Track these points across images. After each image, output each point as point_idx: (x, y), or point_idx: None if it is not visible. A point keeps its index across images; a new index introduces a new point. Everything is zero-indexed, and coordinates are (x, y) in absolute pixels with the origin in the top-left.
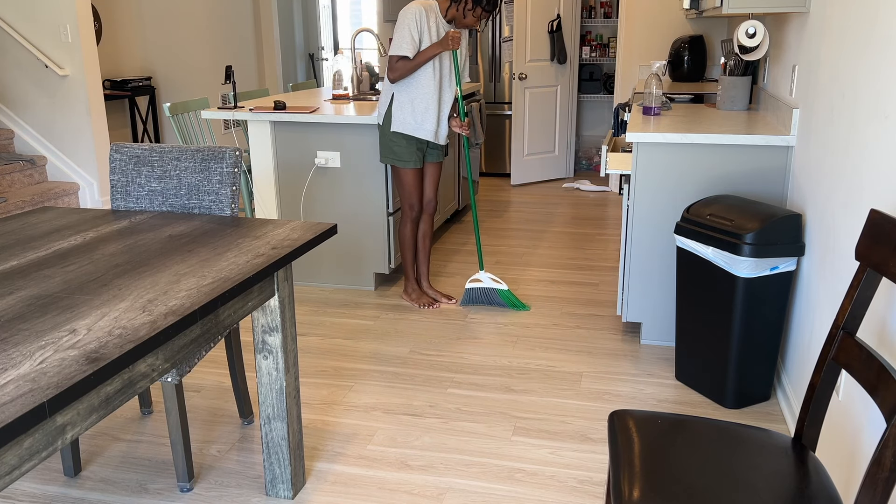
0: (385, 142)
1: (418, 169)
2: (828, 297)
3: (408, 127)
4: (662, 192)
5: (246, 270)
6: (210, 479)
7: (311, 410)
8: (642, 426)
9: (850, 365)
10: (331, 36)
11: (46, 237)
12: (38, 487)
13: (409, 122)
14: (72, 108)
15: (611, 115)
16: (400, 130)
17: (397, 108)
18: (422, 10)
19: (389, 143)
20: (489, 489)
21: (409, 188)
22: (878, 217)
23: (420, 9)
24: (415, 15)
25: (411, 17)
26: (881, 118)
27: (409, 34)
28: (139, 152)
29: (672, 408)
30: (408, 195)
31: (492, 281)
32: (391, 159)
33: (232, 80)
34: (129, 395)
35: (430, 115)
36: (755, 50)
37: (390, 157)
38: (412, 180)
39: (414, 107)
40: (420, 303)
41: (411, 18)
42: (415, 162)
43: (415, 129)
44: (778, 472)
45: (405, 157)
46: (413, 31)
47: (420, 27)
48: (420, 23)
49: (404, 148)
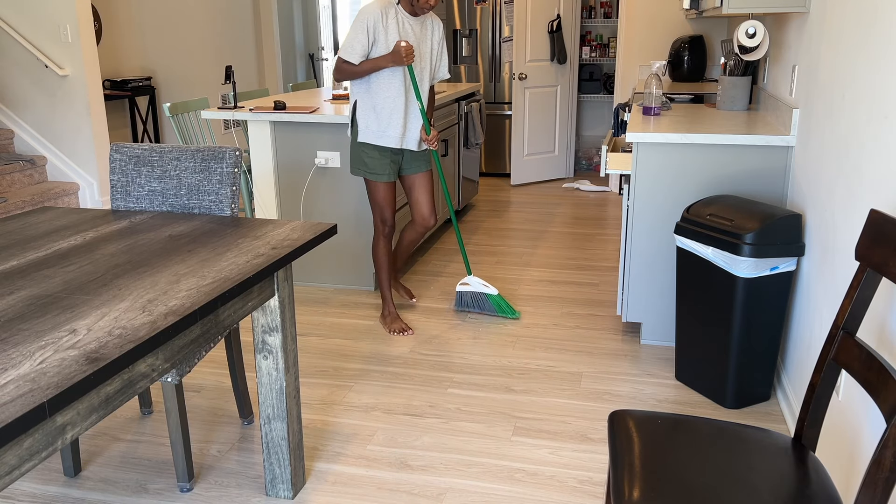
0: (355, 152)
1: (391, 182)
2: (828, 297)
3: (371, 135)
4: (662, 193)
5: (246, 270)
6: (210, 479)
7: (311, 410)
8: (642, 426)
9: (850, 365)
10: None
11: (46, 237)
12: (38, 487)
13: (373, 129)
14: (72, 108)
15: (611, 115)
16: (365, 140)
17: (360, 115)
18: (377, 13)
19: (359, 154)
20: (489, 489)
21: (380, 202)
22: (878, 217)
23: (376, 11)
24: (369, 17)
25: (364, 19)
26: (881, 118)
27: (358, 38)
28: (139, 152)
29: (672, 408)
30: (379, 210)
31: (482, 285)
32: (362, 171)
33: (232, 80)
34: (129, 395)
35: (395, 119)
36: (755, 50)
37: (361, 168)
38: (384, 194)
39: (377, 112)
40: (391, 328)
41: (364, 21)
42: (388, 175)
43: (378, 136)
44: (778, 472)
45: (376, 169)
46: (362, 35)
47: (374, 30)
48: (374, 26)
49: (375, 159)
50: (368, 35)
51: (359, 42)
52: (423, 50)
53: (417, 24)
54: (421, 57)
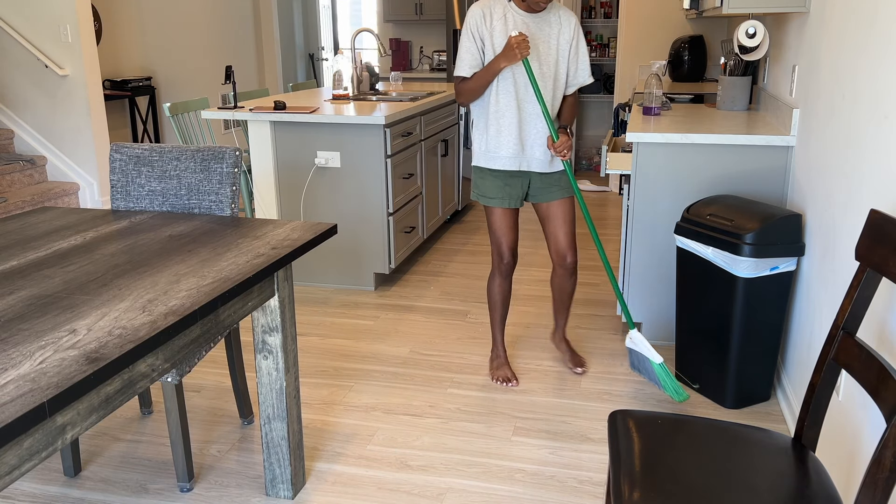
0: (475, 173)
1: (509, 209)
2: (828, 297)
3: (482, 157)
4: (662, 192)
5: (246, 270)
6: (210, 479)
7: (311, 410)
8: (642, 426)
9: (850, 365)
10: (331, 36)
11: (46, 237)
12: (38, 487)
13: (483, 149)
14: (72, 108)
15: (611, 115)
16: (476, 163)
17: (474, 133)
18: (478, 14)
19: (475, 175)
20: (489, 489)
21: (495, 231)
22: (878, 217)
23: (477, 11)
24: (470, 21)
25: (466, 25)
26: (881, 118)
27: (465, 46)
28: (139, 152)
29: (672, 408)
30: (494, 240)
31: (646, 347)
32: (476, 194)
33: (232, 80)
34: (129, 395)
35: (507, 138)
36: (755, 50)
37: (475, 191)
38: (499, 222)
39: (487, 131)
40: (494, 375)
41: (466, 27)
42: (501, 200)
43: (489, 158)
44: (778, 472)
45: (488, 193)
46: (468, 42)
47: (479, 34)
48: (478, 29)
49: (488, 181)
50: (475, 41)
51: (466, 51)
52: (542, 50)
53: (536, 21)
54: (539, 58)
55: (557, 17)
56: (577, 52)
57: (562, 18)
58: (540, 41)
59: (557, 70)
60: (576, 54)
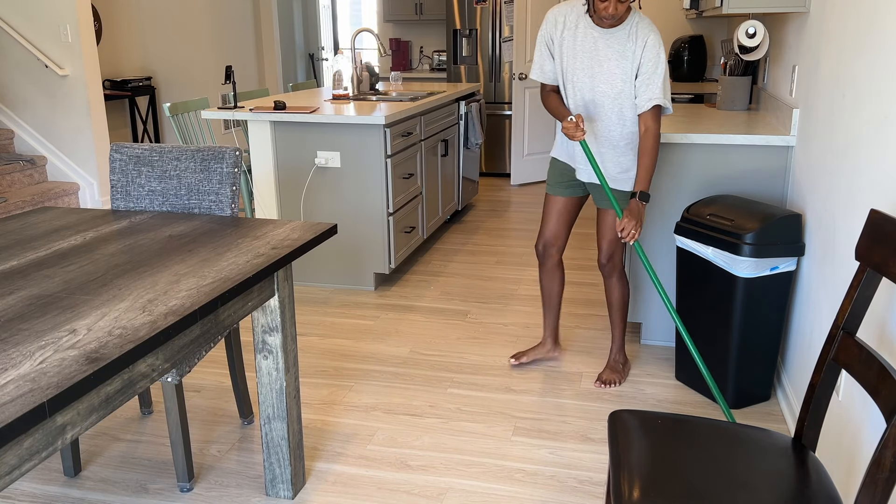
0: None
1: (560, 198)
2: (828, 297)
3: (554, 147)
4: (662, 192)
5: (246, 270)
6: (210, 479)
7: (311, 410)
8: (642, 426)
9: (850, 365)
10: (331, 36)
11: (46, 237)
12: (38, 487)
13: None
14: (72, 108)
15: None
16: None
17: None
18: (551, 21)
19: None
20: (489, 489)
21: (543, 215)
22: (878, 217)
23: (551, 19)
24: (543, 28)
25: (542, 28)
26: (881, 118)
27: (539, 51)
28: (139, 152)
29: (672, 408)
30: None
31: None
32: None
33: (232, 80)
34: (129, 395)
35: (561, 136)
36: (755, 50)
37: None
38: (545, 207)
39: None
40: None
41: (541, 31)
42: (552, 187)
43: (554, 146)
44: (778, 472)
45: (549, 180)
46: (542, 47)
47: (550, 39)
48: (549, 38)
49: (551, 170)
50: (550, 49)
51: (538, 54)
52: (605, 68)
53: (605, 36)
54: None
55: (631, 33)
56: (644, 73)
57: (637, 35)
58: (607, 58)
59: (621, 91)
60: (645, 76)
